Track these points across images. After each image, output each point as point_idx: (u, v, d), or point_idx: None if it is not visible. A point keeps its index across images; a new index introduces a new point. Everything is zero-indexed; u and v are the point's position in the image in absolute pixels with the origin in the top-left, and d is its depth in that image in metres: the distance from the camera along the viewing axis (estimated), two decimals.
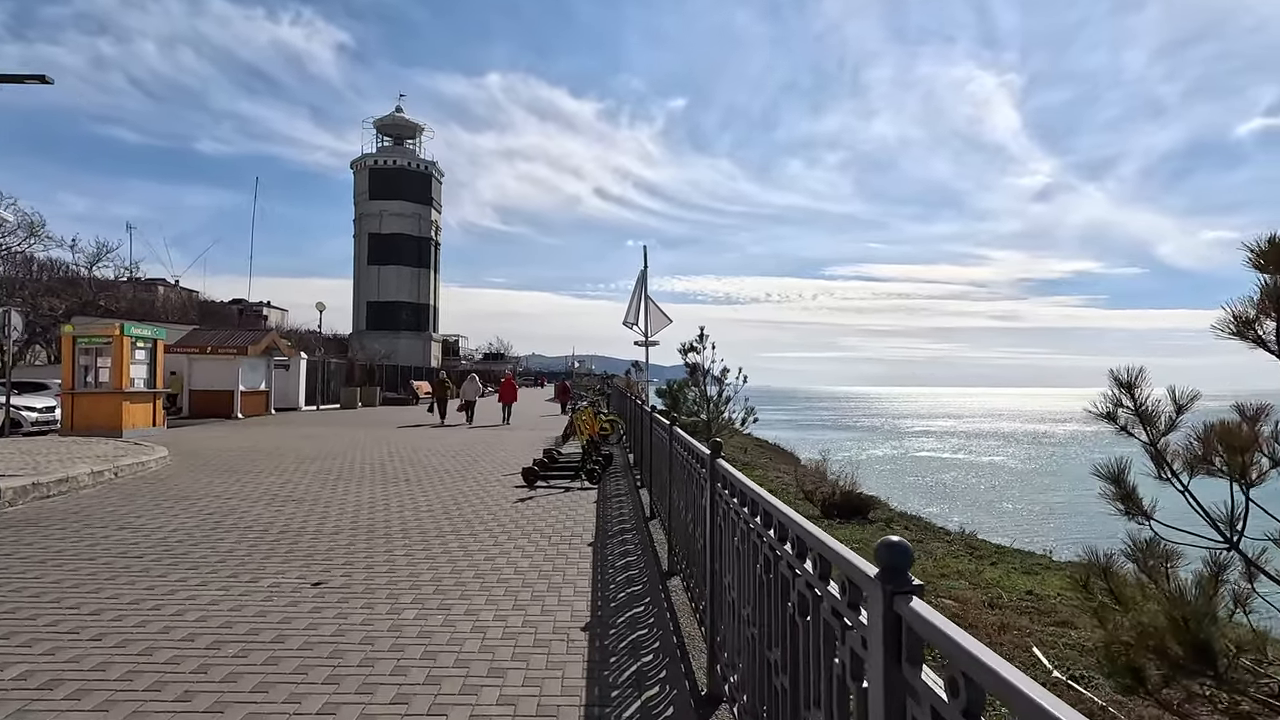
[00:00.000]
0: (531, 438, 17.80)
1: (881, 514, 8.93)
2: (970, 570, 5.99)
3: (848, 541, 6.60)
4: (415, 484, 10.18)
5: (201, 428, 19.53)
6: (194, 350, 23.79)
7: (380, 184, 57.44)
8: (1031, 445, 55.57)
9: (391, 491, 9.48)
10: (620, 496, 9.53)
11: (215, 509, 8.03)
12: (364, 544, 6.52)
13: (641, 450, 10.75)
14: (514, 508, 8.49)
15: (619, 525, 7.66)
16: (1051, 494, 27.36)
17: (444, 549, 6.41)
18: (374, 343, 50.05)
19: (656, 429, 7.49)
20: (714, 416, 14.68)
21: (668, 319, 15.99)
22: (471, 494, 9.42)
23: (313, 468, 11.65)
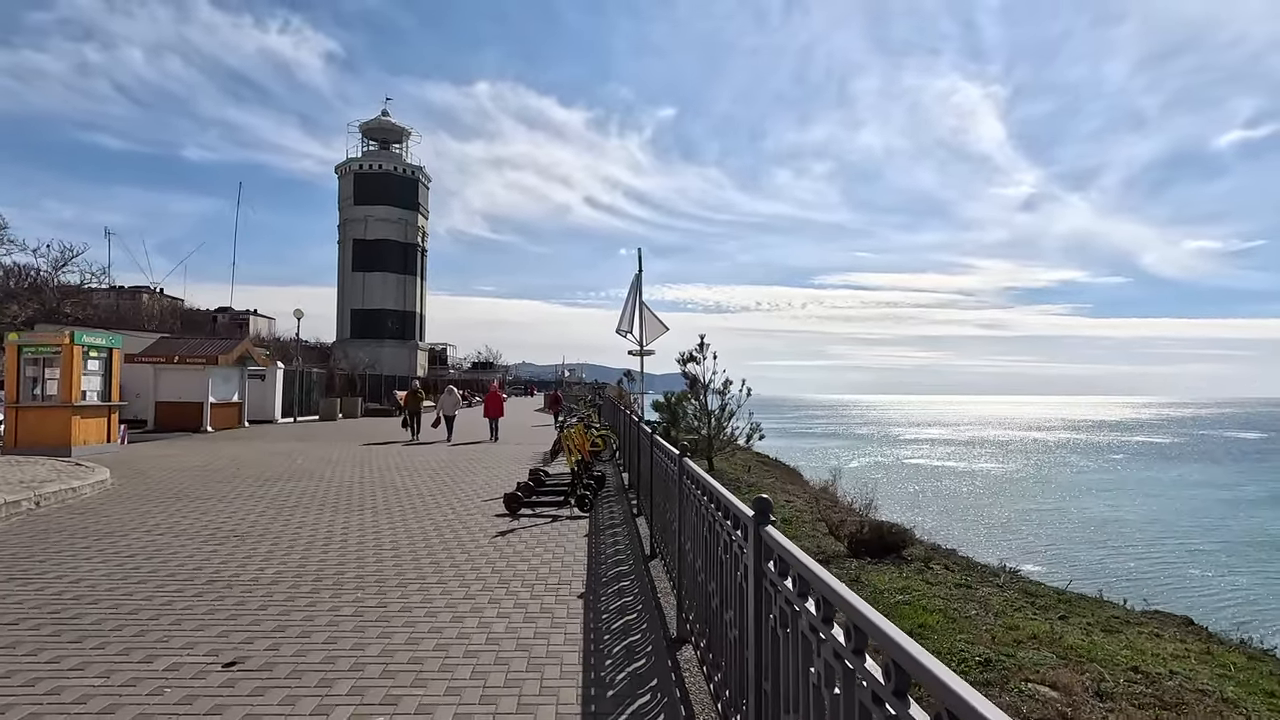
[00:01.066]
0: (519, 453, 16.63)
1: (917, 551, 7.84)
2: (1045, 632, 4.94)
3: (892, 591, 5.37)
4: (383, 513, 9.00)
5: (164, 443, 18.20)
6: (160, 360, 22.42)
7: (365, 189, 56.14)
8: (1039, 454, 54.88)
9: (354, 523, 8.31)
10: (615, 528, 8.40)
11: (139, 550, 6.83)
12: (305, 599, 5.35)
13: (639, 472, 9.64)
14: (492, 544, 7.35)
15: (614, 568, 6.54)
16: (1070, 509, 26.49)
17: (403, 606, 5.26)
18: (358, 351, 48.65)
19: (659, 455, 6.40)
20: (715, 432, 13.59)
21: (664, 327, 14.96)
22: (445, 525, 8.27)
23: (271, 491, 10.45)
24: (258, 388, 26.94)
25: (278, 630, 4.67)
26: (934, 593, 5.86)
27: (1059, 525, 22.55)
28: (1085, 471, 44.00)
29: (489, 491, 10.80)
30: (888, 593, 5.65)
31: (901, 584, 6.11)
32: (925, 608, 5.21)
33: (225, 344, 24.25)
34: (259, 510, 9.00)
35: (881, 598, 5.43)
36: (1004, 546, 17.21)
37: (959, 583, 6.67)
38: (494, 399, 20.88)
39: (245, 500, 9.72)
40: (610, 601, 5.51)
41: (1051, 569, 13.82)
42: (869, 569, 6.76)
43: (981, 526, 21.35)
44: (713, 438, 13.40)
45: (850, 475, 21.21)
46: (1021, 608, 5.97)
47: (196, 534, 7.55)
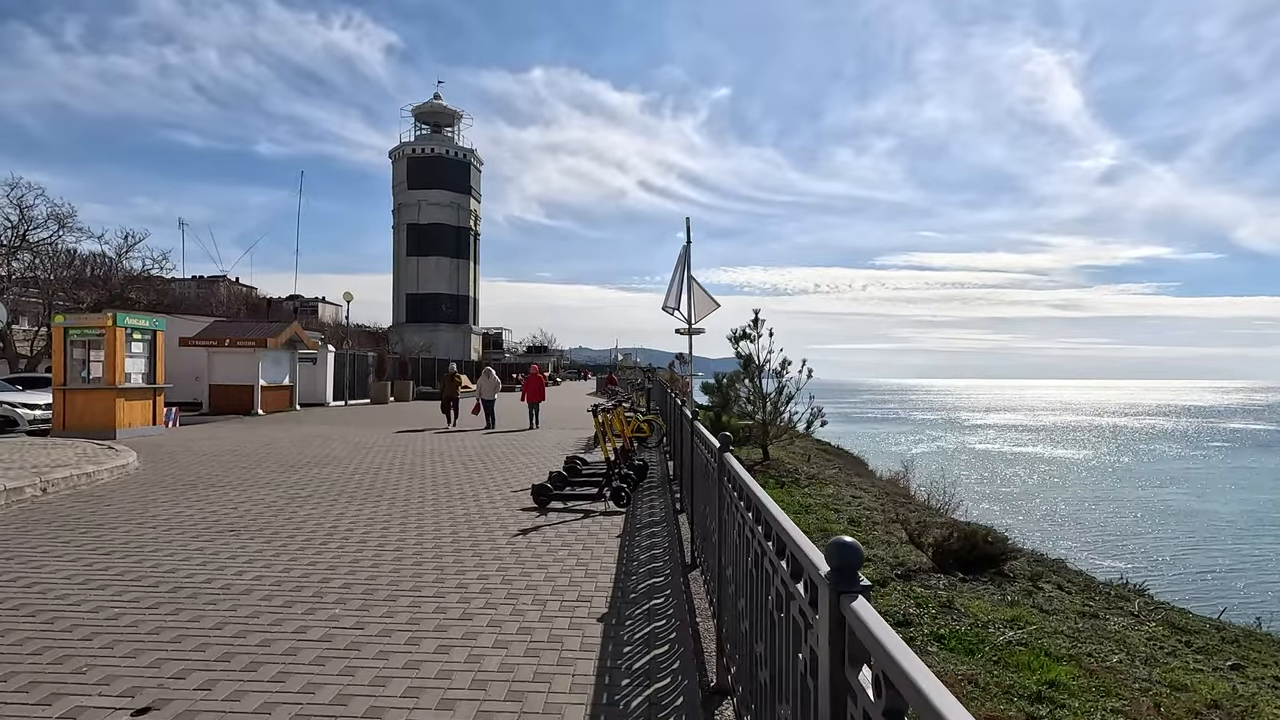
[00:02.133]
0: (563, 439, 15.76)
1: (1022, 566, 6.46)
2: (1227, 696, 3.61)
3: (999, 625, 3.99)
4: (400, 504, 8.20)
5: (211, 426, 18.16)
6: (212, 343, 22.57)
7: (418, 173, 56.37)
8: (1124, 442, 51.01)
9: (364, 516, 7.50)
10: (653, 527, 7.33)
11: (121, 546, 6.16)
12: (271, 617, 4.49)
13: (683, 463, 8.54)
14: (510, 545, 6.39)
15: (647, 579, 5.47)
16: (1170, 504, 23.99)
17: (383, 629, 4.33)
18: (413, 336, 49.10)
19: (698, 446, 5.27)
20: (771, 417, 12.32)
21: (714, 303, 13.74)
22: (463, 520, 7.37)
23: (292, 479, 9.83)
24: (309, 371, 27.04)
25: (221, 660, 3.79)
26: (1053, 625, 4.59)
27: (1160, 523, 20.26)
28: (1179, 461, 40.45)
29: (521, 480, 9.90)
30: (994, 626, 4.40)
31: (1009, 613, 4.82)
32: (1048, 652, 3.95)
33: (274, 327, 24.27)
34: (270, 499, 8.33)
35: (988, 634, 4.18)
36: (1102, 548, 15.32)
37: (1082, 609, 5.32)
38: (534, 382, 19.29)
39: (261, 488, 9.10)
40: (637, 628, 4.45)
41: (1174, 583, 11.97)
42: (962, 589, 5.48)
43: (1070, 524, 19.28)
44: (768, 423, 12.15)
45: (919, 464, 19.56)
46: (1175, 650, 4.60)
47: (192, 527, 6.87)
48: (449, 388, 19.13)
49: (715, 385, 12.98)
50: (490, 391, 18.89)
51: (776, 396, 12.00)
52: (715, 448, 3.82)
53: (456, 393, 19.02)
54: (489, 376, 19.17)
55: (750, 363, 12.19)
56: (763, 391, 12.21)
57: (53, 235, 27.98)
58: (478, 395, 19.17)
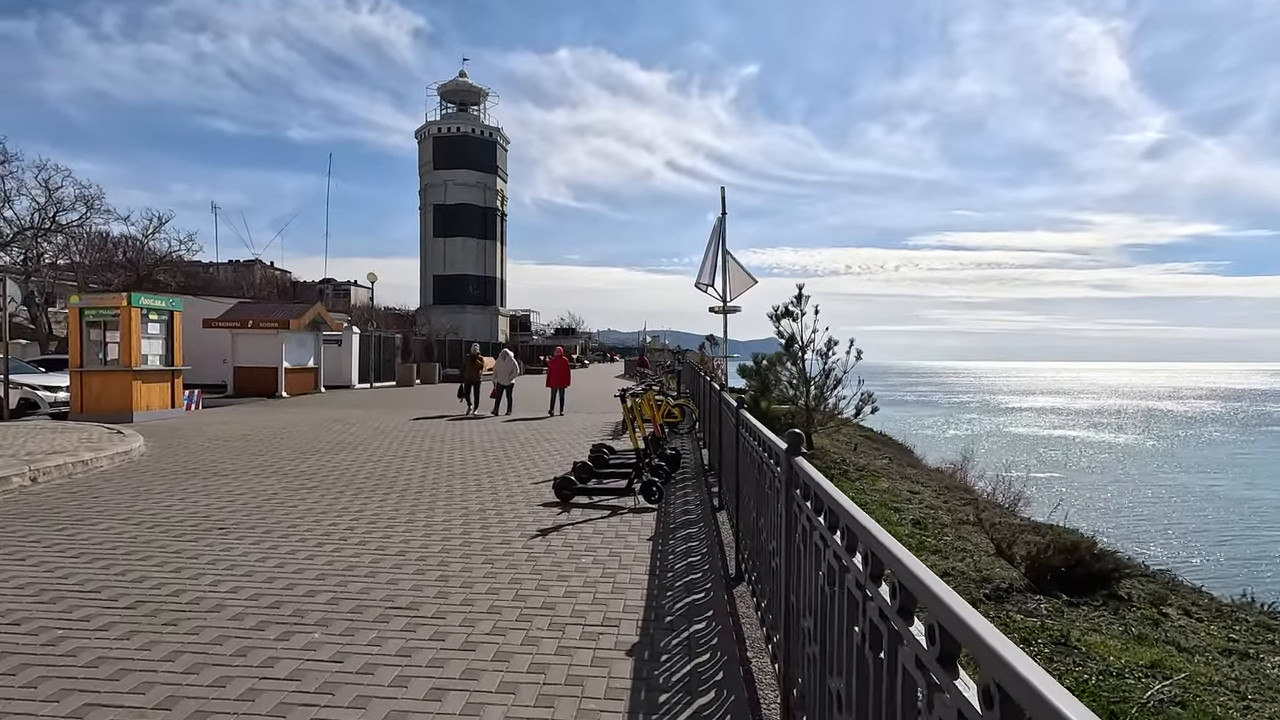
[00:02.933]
0: (590, 424, 14.99)
1: (1138, 587, 5.44)
2: None
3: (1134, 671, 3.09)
4: (410, 496, 7.48)
5: (233, 409, 17.80)
6: (235, 325, 22.28)
7: (444, 152, 55.78)
8: (1179, 427, 48.63)
9: (368, 511, 6.79)
10: (689, 528, 6.49)
11: (94, 548, 5.52)
12: (235, 644, 3.75)
13: (720, 452, 7.67)
14: (527, 550, 5.60)
15: (685, 596, 4.63)
16: (1253, 497, 22.34)
17: (365, 664, 3.56)
18: (440, 318, 48.83)
19: (748, 442, 4.38)
20: (815, 403, 11.35)
21: (751, 279, 12.78)
22: (477, 518, 6.62)
23: (301, 467, 9.21)
24: (334, 353, 26.72)
25: (161, 709, 3.06)
26: (1204, 672, 3.63)
27: (1239, 516, 18.78)
28: (1247, 447, 38.26)
29: (542, 470, 9.14)
30: (1130, 674, 3.46)
31: (1145, 654, 3.84)
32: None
33: (297, 308, 23.89)
34: (272, 490, 7.68)
35: (1127, 687, 3.25)
36: (1183, 546, 14.02)
37: (1226, 645, 4.35)
38: (559, 365, 17.62)
39: (266, 477, 8.48)
40: (675, 664, 3.62)
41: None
42: (1073, 617, 4.52)
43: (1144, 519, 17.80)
44: (812, 409, 11.18)
45: (956, 449, 18.33)
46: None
47: (179, 524, 6.23)
48: (469, 370, 17.83)
49: (754, 368, 11.99)
50: (507, 375, 17.41)
51: (823, 380, 11.01)
52: (780, 450, 2.95)
53: (478, 376, 17.80)
54: (506, 359, 17.64)
55: (793, 343, 11.19)
56: (807, 374, 11.23)
57: (82, 217, 28.03)
58: (494, 379, 17.71)
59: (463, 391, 17.54)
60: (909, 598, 1.39)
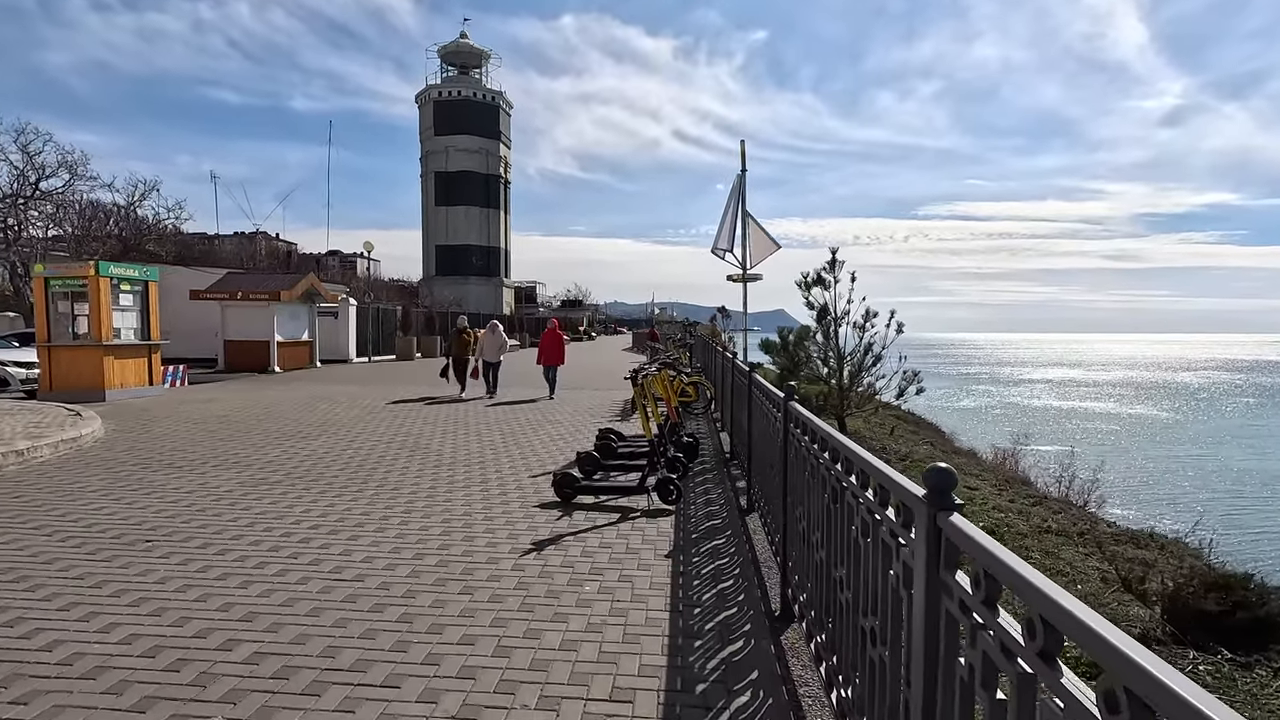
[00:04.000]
0: (595, 404, 13.89)
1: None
2: None
3: None
4: (386, 495, 6.40)
5: (219, 385, 16.80)
6: (224, 297, 21.20)
7: (445, 117, 53.93)
8: (1203, 400, 47.11)
9: (332, 517, 5.71)
10: (715, 537, 5.37)
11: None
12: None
13: (748, 440, 6.55)
14: (516, 575, 4.50)
15: (718, 648, 3.53)
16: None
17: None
18: (443, 289, 47.67)
19: (803, 445, 3.21)
20: (850, 383, 10.14)
21: (774, 243, 11.47)
22: (459, 527, 5.53)
23: (271, 454, 8.15)
24: (330, 326, 25.67)
25: None
26: None
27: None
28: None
29: (542, 461, 8.04)
30: None
31: None
32: None
33: (288, 279, 22.75)
34: (228, 487, 6.62)
35: None
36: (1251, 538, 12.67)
37: None
38: (551, 340, 15.25)
39: (229, 468, 7.42)
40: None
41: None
42: (1250, 685, 3.42)
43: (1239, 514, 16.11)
44: (846, 390, 9.97)
45: (971, 423, 17.15)
46: None
47: (99, 535, 5.17)
48: (456, 346, 15.49)
49: (781, 343, 10.68)
50: (495, 352, 15.09)
51: (861, 356, 9.77)
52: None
53: (467, 353, 15.42)
54: (494, 332, 15.15)
55: (825, 314, 9.93)
56: (841, 352, 9.99)
57: (66, 184, 26.84)
58: (478, 355, 15.27)
59: (450, 369, 15.57)
60: None
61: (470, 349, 15.35)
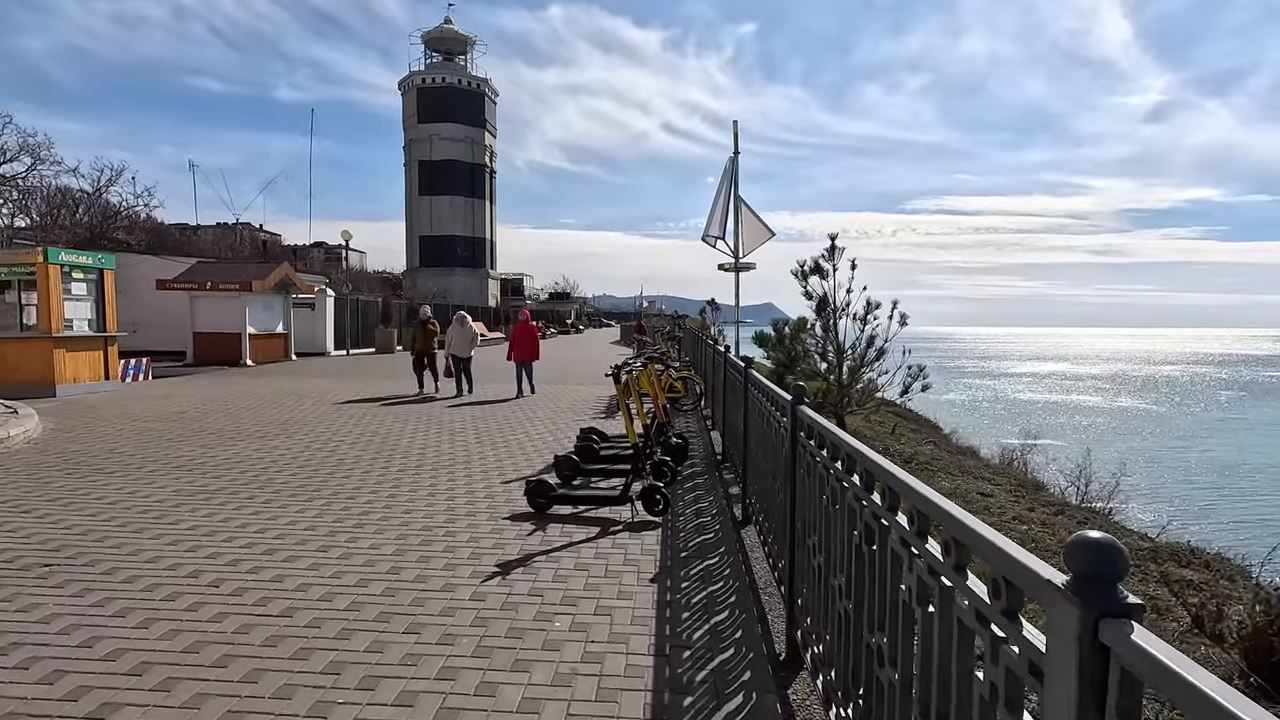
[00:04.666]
0: (579, 400, 13.22)
1: None
2: None
3: None
4: (338, 506, 5.71)
5: (183, 379, 15.97)
6: (193, 286, 20.28)
7: (429, 105, 52.73)
8: (1188, 393, 47.10)
9: (272, 533, 5.02)
10: (707, 555, 4.73)
11: None
12: None
13: (742, 441, 5.92)
14: (473, 607, 3.83)
15: (711, 701, 2.88)
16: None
17: None
18: (427, 281, 46.71)
19: (812, 453, 2.55)
20: (850, 380, 9.52)
21: (768, 230, 10.87)
22: (416, 545, 4.85)
23: (219, 458, 7.42)
24: (306, 317, 24.78)
25: None
26: None
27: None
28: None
29: (517, 464, 7.37)
30: None
31: None
32: None
33: (261, 268, 21.88)
34: (161, 496, 5.90)
35: None
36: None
37: None
38: (523, 333, 13.40)
39: (168, 474, 6.69)
40: None
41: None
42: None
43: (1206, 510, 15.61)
44: (846, 386, 9.34)
45: (1002, 428, 16.62)
46: None
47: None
48: (421, 340, 13.68)
49: (776, 336, 9.99)
50: (464, 346, 13.40)
51: (864, 349, 9.13)
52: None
53: (433, 346, 13.70)
54: (462, 325, 13.42)
55: (825, 305, 9.26)
56: (840, 345, 9.35)
57: (29, 169, 25.70)
58: (447, 351, 13.42)
59: (416, 365, 13.73)
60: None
61: (435, 342, 13.73)
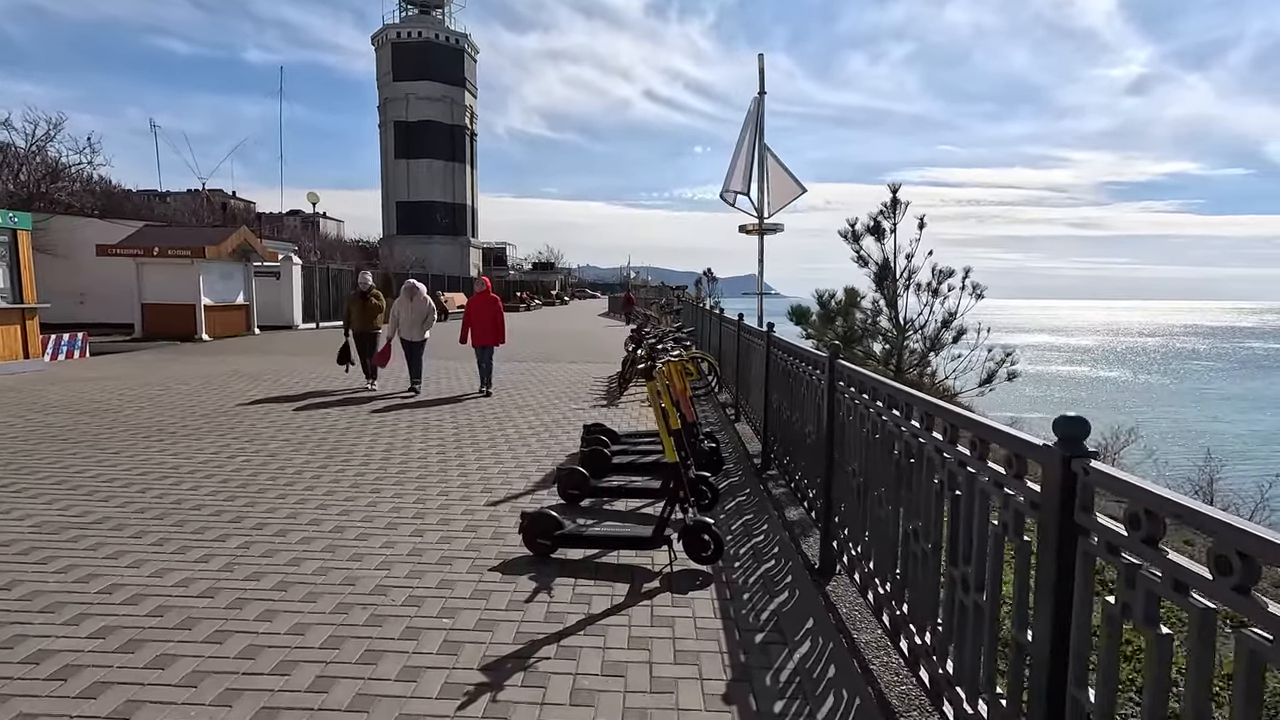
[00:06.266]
0: (573, 381, 11.62)
1: None
2: None
3: None
4: (262, 550, 4.09)
5: (126, 357, 14.13)
6: (138, 252, 18.21)
7: (405, 62, 49.67)
8: (1172, 365, 46.49)
9: (149, 602, 3.40)
10: (792, 636, 3.18)
11: None
12: None
13: (820, 449, 4.38)
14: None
15: None
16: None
17: None
18: (405, 249, 44.44)
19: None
20: (919, 362, 7.92)
21: (798, 186, 9.24)
22: (362, 620, 3.26)
23: (120, 467, 5.75)
24: (271, 288, 22.79)
25: None
26: None
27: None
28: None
29: (509, 475, 5.78)
30: None
31: None
32: None
33: (216, 233, 19.83)
34: (10, 537, 4.24)
35: None
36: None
37: None
38: (483, 308, 9.80)
39: (33, 500, 5.03)
40: None
41: None
42: None
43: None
44: (902, 371, 7.69)
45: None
46: None
47: None
48: (358, 317, 10.08)
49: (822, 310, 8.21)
50: (415, 327, 9.85)
51: (939, 329, 7.47)
52: None
53: (374, 325, 10.19)
54: (414, 298, 9.85)
55: (886, 273, 7.59)
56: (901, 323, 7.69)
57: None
58: (391, 330, 9.94)
59: (347, 351, 10.16)
60: None
61: (378, 320, 10.28)
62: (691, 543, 3.95)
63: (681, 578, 3.81)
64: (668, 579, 3.80)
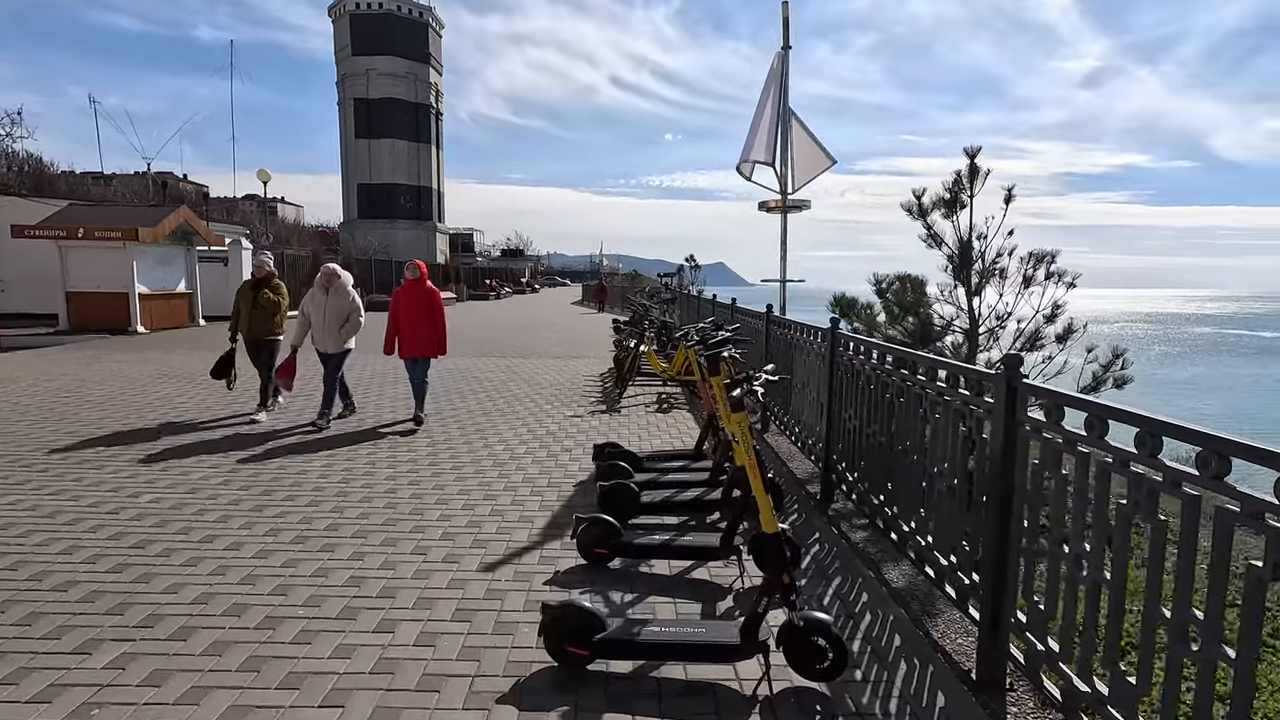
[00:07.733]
0: (560, 382, 10.25)
1: None
2: None
3: None
4: (145, 666, 2.67)
5: (35, 354, 12.33)
6: (60, 233, 16.17)
7: (365, 35, 46.93)
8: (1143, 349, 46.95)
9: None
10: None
11: None
12: None
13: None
14: None
15: None
16: None
17: None
18: (367, 234, 42.17)
19: None
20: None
21: (828, 157, 8.00)
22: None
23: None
24: (218, 274, 20.79)
25: None
26: None
27: None
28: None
29: (506, 523, 4.42)
30: None
31: None
32: None
33: (150, 213, 17.81)
34: None
35: None
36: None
37: None
38: (413, 304, 6.91)
39: None
40: None
41: None
42: None
43: None
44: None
45: None
46: None
47: None
48: (252, 319, 7.22)
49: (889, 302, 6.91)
50: (332, 333, 6.97)
51: (1040, 324, 6.28)
52: None
53: (274, 330, 7.31)
54: (331, 288, 6.94)
55: (969, 253, 6.35)
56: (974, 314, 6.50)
57: None
58: (299, 335, 7.04)
59: (222, 365, 7.48)
60: None
61: (278, 321, 7.35)
62: (800, 649, 2.67)
63: (786, 702, 2.54)
64: (767, 707, 2.52)
